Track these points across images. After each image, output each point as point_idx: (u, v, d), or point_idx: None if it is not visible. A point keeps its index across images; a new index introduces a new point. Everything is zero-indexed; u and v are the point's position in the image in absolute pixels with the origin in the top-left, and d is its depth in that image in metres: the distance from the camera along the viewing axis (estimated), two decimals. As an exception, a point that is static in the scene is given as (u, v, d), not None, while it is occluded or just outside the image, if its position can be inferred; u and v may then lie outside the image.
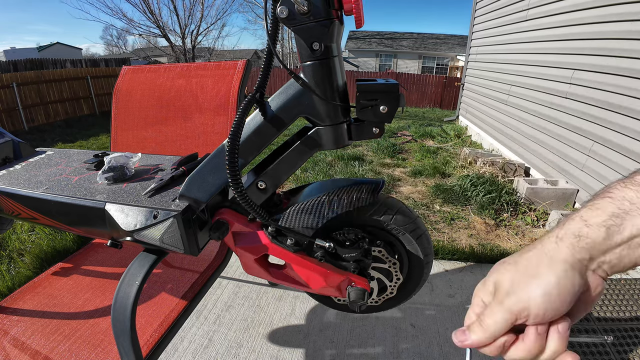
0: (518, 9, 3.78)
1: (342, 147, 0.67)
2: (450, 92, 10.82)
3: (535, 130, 3.22)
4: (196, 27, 12.94)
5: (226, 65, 1.16)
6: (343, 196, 0.69)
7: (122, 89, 1.28)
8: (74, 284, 1.06)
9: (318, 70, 0.59)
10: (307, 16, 0.54)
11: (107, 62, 11.04)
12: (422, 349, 1.30)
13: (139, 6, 11.52)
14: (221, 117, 1.13)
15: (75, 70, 7.90)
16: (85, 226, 0.78)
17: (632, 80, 2.09)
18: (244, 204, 0.62)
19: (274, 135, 0.64)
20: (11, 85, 6.26)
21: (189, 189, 0.68)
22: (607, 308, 1.52)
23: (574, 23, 2.72)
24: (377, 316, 1.45)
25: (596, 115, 2.41)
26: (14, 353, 0.81)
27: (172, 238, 0.66)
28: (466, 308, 1.50)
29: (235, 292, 1.59)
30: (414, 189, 3.01)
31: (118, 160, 0.83)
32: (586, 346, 1.31)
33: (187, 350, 1.27)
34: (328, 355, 1.27)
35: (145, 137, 1.26)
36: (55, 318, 0.92)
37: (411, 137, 5.02)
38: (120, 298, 0.67)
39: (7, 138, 1.03)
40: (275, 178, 0.68)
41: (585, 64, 2.57)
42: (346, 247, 0.73)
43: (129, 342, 0.65)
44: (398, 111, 0.63)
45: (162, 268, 1.13)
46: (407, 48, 20.72)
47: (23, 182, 0.84)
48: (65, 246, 2.00)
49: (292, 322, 1.42)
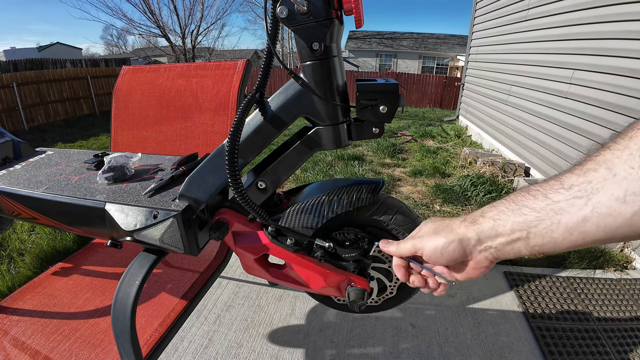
0: (518, 9, 3.77)
1: (342, 147, 0.67)
2: (450, 92, 10.82)
3: (536, 130, 3.22)
4: (196, 27, 12.94)
5: (226, 65, 1.16)
6: (343, 196, 0.69)
7: (122, 89, 1.28)
8: (74, 284, 1.06)
9: (318, 70, 0.59)
10: (307, 16, 0.54)
11: (107, 62, 11.04)
12: (422, 349, 1.30)
13: (139, 6, 11.51)
14: (221, 117, 1.13)
15: (75, 70, 7.90)
16: (85, 226, 0.78)
17: (632, 80, 2.09)
18: (243, 204, 0.62)
19: (274, 135, 0.64)
20: (11, 85, 6.26)
21: (189, 189, 0.68)
22: (607, 308, 1.52)
23: (574, 23, 2.72)
24: (377, 316, 1.45)
25: (596, 115, 2.41)
26: (14, 353, 0.81)
27: (172, 238, 0.66)
28: (466, 308, 1.50)
29: (235, 292, 1.59)
30: (414, 189, 3.01)
31: (118, 160, 0.83)
32: (586, 346, 1.31)
33: (187, 350, 1.27)
34: (328, 355, 1.27)
35: (145, 137, 1.26)
36: (55, 318, 0.92)
37: (411, 137, 5.02)
38: (120, 298, 0.67)
39: (7, 138, 1.03)
40: (275, 178, 0.68)
41: (585, 64, 2.57)
42: (346, 247, 0.73)
43: (129, 342, 0.65)
44: (398, 111, 0.63)
45: (162, 268, 1.13)
46: (407, 48, 20.72)
47: (23, 182, 0.84)
48: (65, 246, 2.00)
49: (292, 322, 1.42)
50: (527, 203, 0.37)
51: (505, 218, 0.38)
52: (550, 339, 1.34)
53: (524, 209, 0.37)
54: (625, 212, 0.29)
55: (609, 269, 1.82)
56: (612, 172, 0.31)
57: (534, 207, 0.36)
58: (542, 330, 1.38)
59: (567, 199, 0.33)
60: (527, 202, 0.37)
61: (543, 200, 0.35)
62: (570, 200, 0.33)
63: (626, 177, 0.29)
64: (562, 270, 1.80)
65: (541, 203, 0.35)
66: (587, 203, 0.32)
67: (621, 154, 0.30)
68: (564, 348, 1.30)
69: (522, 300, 1.56)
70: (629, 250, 1.99)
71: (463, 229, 0.43)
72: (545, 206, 0.35)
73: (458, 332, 1.38)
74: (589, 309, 1.52)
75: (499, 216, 0.39)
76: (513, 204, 0.38)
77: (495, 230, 0.39)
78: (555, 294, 1.61)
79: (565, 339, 1.34)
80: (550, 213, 0.35)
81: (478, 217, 0.42)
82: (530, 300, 1.56)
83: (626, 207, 0.29)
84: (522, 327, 1.41)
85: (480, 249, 0.42)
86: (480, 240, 0.41)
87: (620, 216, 0.30)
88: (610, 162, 0.31)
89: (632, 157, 0.29)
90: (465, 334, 1.37)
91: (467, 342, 1.33)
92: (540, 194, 0.36)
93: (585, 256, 1.86)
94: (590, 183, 0.32)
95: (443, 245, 0.44)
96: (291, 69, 0.59)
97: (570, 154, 2.69)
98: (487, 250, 0.42)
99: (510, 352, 1.29)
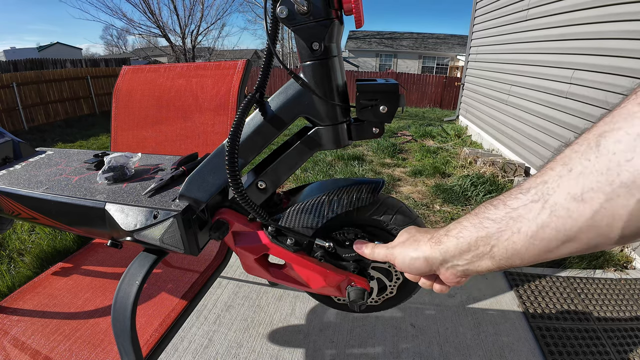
0: (518, 9, 3.78)
1: (342, 147, 0.67)
2: (450, 92, 10.82)
3: (536, 130, 3.22)
4: (196, 27, 12.95)
5: (226, 65, 1.15)
6: (343, 196, 0.69)
7: (122, 88, 1.28)
8: (74, 283, 1.06)
9: (318, 70, 0.59)
10: (307, 16, 0.54)
11: (107, 62, 11.05)
12: (422, 349, 1.30)
13: (139, 6, 11.53)
14: (221, 117, 1.13)
15: (75, 70, 7.90)
16: (85, 226, 0.78)
17: (632, 80, 2.09)
18: (243, 204, 0.62)
19: (274, 135, 0.64)
20: (11, 85, 6.26)
21: (189, 189, 0.68)
22: (607, 308, 1.52)
23: (574, 23, 2.72)
24: (377, 316, 1.45)
25: (596, 115, 2.40)
26: (14, 353, 0.81)
27: (172, 238, 0.66)
28: (466, 308, 1.50)
29: (235, 292, 1.59)
30: (414, 188, 3.01)
31: (118, 160, 0.83)
32: (586, 346, 1.31)
33: (187, 350, 1.27)
34: (328, 355, 1.27)
35: (145, 137, 1.26)
36: (55, 318, 0.92)
37: (411, 137, 5.02)
38: (120, 298, 0.67)
39: (7, 138, 1.03)
40: (275, 178, 0.68)
41: (585, 64, 2.57)
42: (346, 247, 0.73)
43: (129, 342, 0.65)
44: (398, 111, 0.63)
45: (162, 268, 1.13)
46: (407, 48, 20.72)
47: (23, 182, 0.84)
48: (65, 246, 2.00)
49: (292, 322, 1.42)
50: (489, 214, 0.34)
51: (467, 234, 0.36)
52: (550, 339, 1.34)
53: (486, 221, 0.34)
54: (585, 212, 0.26)
55: (609, 269, 1.82)
56: (567, 167, 0.27)
57: (494, 218, 0.33)
58: (542, 330, 1.38)
59: (525, 204, 0.30)
60: (488, 214, 0.34)
61: (503, 209, 0.33)
62: (528, 205, 0.30)
63: (582, 172, 0.26)
64: (562, 270, 1.80)
65: (501, 212, 0.33)
66: (544, 206, 0.28)
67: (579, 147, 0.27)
68: (564, 348, 1.30)
69: (522, 300, 1.56)
70: (629, 250, 1.99)
71: (428, 247, 0.42)
72: (504, 215, 0.32)
73: (458, 332, 1.38)
74: (589, 309, 1.52)
75: (461, 233, 0.37)
76: (475, 218, 0.36)
77: (459, 249, 0.37)
78: (555, 294, 1.61)
79: (565, 339, 1.34)
80: (510, 222, 0.31)
81: (442, 236, 0.40)
82: (530, 300, 1.56)
83: (585, 207, 0.26)
84: (522, 327, 1.41)
85: (446, 267, 0.40)
86: (445, 260, 0.40)
87: (581, 217, 0.26)
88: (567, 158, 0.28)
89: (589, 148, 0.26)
90: (465, 334, 1.37)
91: (467, 342, 1.33)
92: (501, 202, 0.33)
93: (585, 256, 1.86)
94: (546, 183, 0.29)
95: (410, 260, 0.44)
96: (291, 69, 0.59)
97: (570, 154, 2.68)
98: (454, 268, 0.40)
99: (510, 352, 1.29)
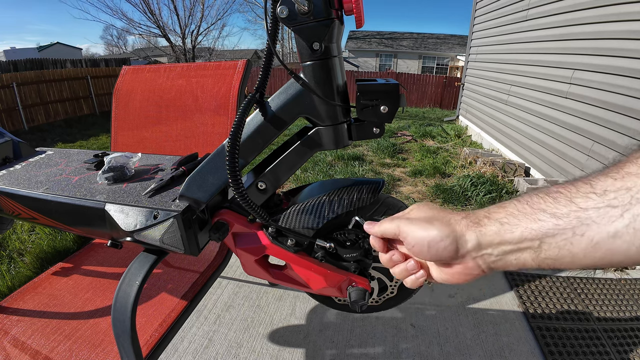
0: (518, 9, 3.77)
1: (343, 147, 0.67)
2: (450, 92, 10.82)
3: (536, 130, 3.22)
4: (196, 27, 12.96)
5: (226, 65, 1.15)
6: (343, 196, 0.69)
7: (122, 89, 1.28)
8: (74, 284, 1.06)
9: (318, 70, 0.59)
10: (307, 16, 0.54)
11: (107, 62, 11.02)
12: (422, 349, 1.30)
13: (139, 6, 11.54)
14: (221, 117, 1.13)
15: (75, 70, 7.90)
16: (85, 226, 0.78)
17: (632, 80, 2.09)
18: (244, 204, 0.62)
19: (274, 136, 0.64)
20: (11, 85, 6.26)
21: (189, 189, 0.68)
22: (607, 308, 1.52)
23: (574, 23, 2.72)
24: (377, 316, 1.45)
25: (596, 115, 2.41)
26: (14, 353, 0.81)
27: (172, 238, 0.66)
28: (466, 308, 1.50)
29: (235, 292, 1.59)
30: (414, 188, 3.01)
31: (118, 160, 0.83)
32: (586, 346, 1.31)
33: (187, 350, 1.27)
34: (328, 355, 1.27)
35: (145, 137, 1.26)
36: (56, 318, 0.92)
37: (411, 137, 5.02)
38: (120, 298, 0.67)
39: (7, 138, 1.03)
40: (275, 178, 0.68)
41: (585, 64, 2.57)
42: (347, 247, 0.73)
43: (129, 342, 0.65)
44: (398, 111, 0.63)
45: (162, 268, 1.13)
46: (407, 48, 20.71)
47: (23, 182, 0.84)
48: (65, 246, 2.00)
49: (292, 322, 1.42)
50: (546, 207, 0.31)
51: (515, 222, 0.32)
52: (550, 339, 1.34)
53: (541, 213, 0.31)
54: None
55: (609, 269, 1.82)
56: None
57: (554, 213, 0.30)
58: (542, 330, 1.38)
59: (599, 207, 0.27)
60: (545, 206, 0.31)
61: (567, 205, 0.29)
62: (603, 209, 0.27)
63: None
64: (562, 270, 1.80)
65: (564, 209, 0.29)
66: (623, 215, 0.26)
67: None
68: (564, 348, 1.30)
69: (522, 300, 1.55)
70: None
71: (463, 226, 0.36)
72: (568, 213, 0.29)
73: (458, 332, 1.38)
74: (589, 309, 1.52)
75: (507, 219, 0.33)
76: (527, 206, 0.32)
77: (500, 236, 0.33)
78: (555, 294, 1.61)
79: (565, 339, 1.34)
80: (574, 222, 0.28)
81: (482, 217, 0.35)
82: (530, 300, 1.56)
83: None
84: (522, 327, 1.41)
85: (476, 255, 0.35)
86: (480, 246, 0.35)
87: None
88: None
89: None
90: (465, 334, 1.37)
91: (467, 342, 1.33)
92: (564, 197, 0.30)
93: (586, 256, 1.86)
94: (629, 190, 0.26)
95: (433, 238, 0.36)
96: (291, 69, 0.59)
97: (570, 154, 2.69)
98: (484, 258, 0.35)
99: (510, 352, 1.29)
